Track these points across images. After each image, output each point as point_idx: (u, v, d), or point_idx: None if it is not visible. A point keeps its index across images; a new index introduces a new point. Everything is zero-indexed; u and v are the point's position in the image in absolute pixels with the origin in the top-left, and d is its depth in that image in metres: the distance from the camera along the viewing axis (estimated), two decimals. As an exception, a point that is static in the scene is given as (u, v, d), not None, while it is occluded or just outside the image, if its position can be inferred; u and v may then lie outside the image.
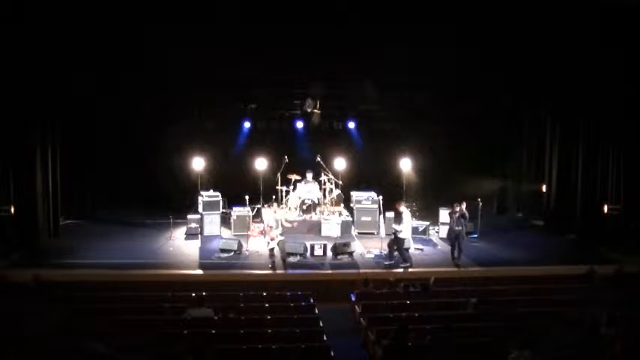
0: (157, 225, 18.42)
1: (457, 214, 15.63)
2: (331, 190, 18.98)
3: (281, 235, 15.45)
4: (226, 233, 17.98)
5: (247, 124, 20.49)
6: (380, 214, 17.25)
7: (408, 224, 15.70)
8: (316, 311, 12.35)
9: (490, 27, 16.81)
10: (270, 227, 15.38)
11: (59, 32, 15.71)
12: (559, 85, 17.88)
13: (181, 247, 16.98)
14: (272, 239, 15.25)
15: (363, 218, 18.38)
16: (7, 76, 15.22)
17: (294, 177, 18.90)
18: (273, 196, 18.65)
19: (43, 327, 10.58)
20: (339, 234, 17.84)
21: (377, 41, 16.96)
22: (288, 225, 16.38)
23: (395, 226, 15.53)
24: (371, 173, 20.63)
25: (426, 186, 20.22)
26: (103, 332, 10.09)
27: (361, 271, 15.11)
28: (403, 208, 15.72)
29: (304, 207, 18.29)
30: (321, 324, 11.60)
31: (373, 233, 17.92)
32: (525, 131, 20.47)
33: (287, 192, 19.01)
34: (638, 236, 16.38)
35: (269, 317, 11.69)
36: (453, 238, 15.74)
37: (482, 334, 10.88)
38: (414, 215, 18.78)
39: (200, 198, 18.25)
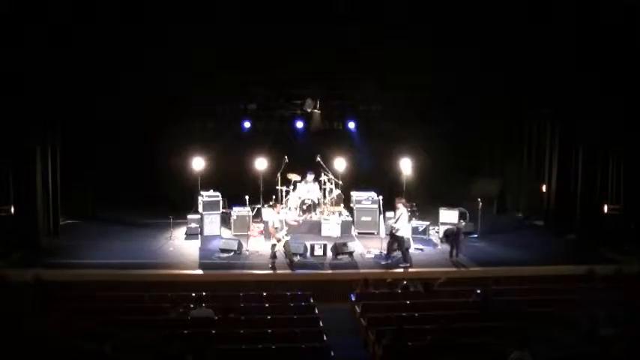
0: (157, 225, 18.41)
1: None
2: (331, 190, 18.98)
3: (286, 235, 15.43)
4: (226, 233, 17.98)
5: (247, 124, 20.47)
6: (380, 214, 17.26)
7: (404, 222, 15.67)
8: (316, 311, 12.36)
9: (490, 27, 16.80)
10: (276, 229, 15.35)
11: (59, 32, 15.70)
12: (559, 85, 17.87)
13: (181, 247, 16.98)
14: (278, 240, 15.24)
15: (363, 218, 18.38)
16: (8, 76, 15.22)
17: (294, 177, 18.89)
18: (274, 197, 18.63)
19: (42, 327, 10.60)
20: (339, 234, 17.84)
21: (377, 41, 16.96)
22: (294, 224, 16.37)
23: (392, 224, 15.53)
24: (371, 173, 20.61)
25: (426, 186, 20.21)
26: (103, 332, 10.10)
27: (361, 271, 15.11)
28: (400, 205, 15.71)
29: (304, 207, 18.28)
30: (321, 324, 11.61)
31: (373, 233, 17.92)
32: (525, 131, 20.47)
33: (287, 192, 19.01)
34: (638, 236, 16.37)
35: (269, 317, 11.69)
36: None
37: (483, 334, 10.88)
38: (413, 215, 18.80)
39: (200, 198, 18.26)
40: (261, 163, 18.80)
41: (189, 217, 18.09)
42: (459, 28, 16.65)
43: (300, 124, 20.52)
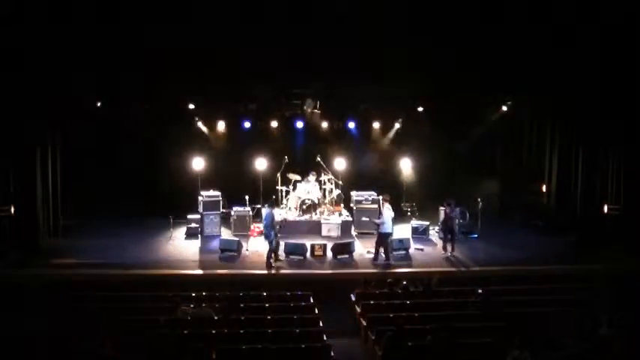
0: (157, 225, 18.42)
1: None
2: (331, 190, 18.98)
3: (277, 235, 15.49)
4: (226, 233, 17.99)
5: (247, 124, 20.46)
6: (380, 214, 17.24)
7: (388, 220, 15.65)
8: (316, 311, 12.36)
9: (490, 27, 16.79)
10: (273, 228, 15.39)
11: (59, 32, 15.70)
12: (559, 85, 17.86)
13: (181, 247, 16.99)
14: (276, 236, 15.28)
15: (363, 218, 18.36)
16: (8, 75, 15.22)
17: (294, 177, 18.90)
18: (274, 197, 18.63)
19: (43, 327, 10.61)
20: (339, 234, 17.84)
21: (377, 41, 16.95)
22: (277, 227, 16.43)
23: (375, 220, 15.55)
24: (371, 173, 20.61)
25: (426, 186, 20.21)
26: (103, 332, 10.10)
27: (361, 271, 15.12)
28: (386, 203, 15.70)
29: (304, 207, 18.28)
30: (321, 324, 11.61)
31: (373, 233, 17.89)
32: (525, 131, 20.47)
33: (287, 192, 19.01)
34: (638, 236, 16.37)
35: (269, 317, 11.69)
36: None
37: (483, 334, 10.89)
38: (413, 215, 18.81)
39: (200, 198, 18.26)
40: (261, 163, 18.80)
41: (189, 217, 18.09)
42: (458, 28, 16.64)
43: (300, 124, 20.51)
